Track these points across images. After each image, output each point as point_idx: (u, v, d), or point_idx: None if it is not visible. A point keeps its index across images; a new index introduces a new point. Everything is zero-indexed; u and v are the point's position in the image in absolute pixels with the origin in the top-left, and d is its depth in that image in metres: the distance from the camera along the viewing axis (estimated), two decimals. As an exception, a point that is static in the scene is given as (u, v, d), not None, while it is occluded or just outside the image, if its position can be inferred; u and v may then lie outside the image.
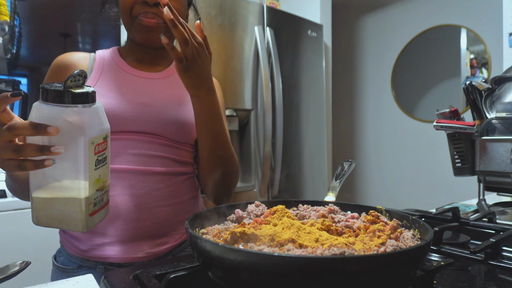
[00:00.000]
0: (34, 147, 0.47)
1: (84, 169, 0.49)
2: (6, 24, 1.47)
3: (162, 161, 0.77)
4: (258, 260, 0.36)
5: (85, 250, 0.74)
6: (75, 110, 0.48)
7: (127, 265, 0.73)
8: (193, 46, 0.63)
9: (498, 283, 0.53)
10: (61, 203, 0.50)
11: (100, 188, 0.53)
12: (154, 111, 0.76)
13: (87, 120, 0.49)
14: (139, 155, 0.75)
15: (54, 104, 0.47)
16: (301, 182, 2.22)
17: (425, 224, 0.48)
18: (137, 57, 0.83)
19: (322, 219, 0.52)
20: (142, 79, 0.80)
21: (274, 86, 1.97)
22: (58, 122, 0.47)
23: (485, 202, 1.01)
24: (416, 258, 0.39)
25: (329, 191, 0.69)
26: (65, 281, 0.54)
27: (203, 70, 0.66)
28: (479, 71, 2.50)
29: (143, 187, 0.74)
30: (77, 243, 0.75)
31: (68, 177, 0.51)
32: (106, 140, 0.53)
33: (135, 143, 0.75)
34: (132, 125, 0.74)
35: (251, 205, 0.60)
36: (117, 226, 0.72)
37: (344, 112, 3.35)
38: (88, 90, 0.49)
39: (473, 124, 0.98)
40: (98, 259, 0.73)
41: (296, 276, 0.35)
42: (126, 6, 0.74)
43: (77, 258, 0.75)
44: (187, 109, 0.80)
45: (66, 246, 0.77)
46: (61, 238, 0.80)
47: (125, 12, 0.75)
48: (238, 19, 1.89)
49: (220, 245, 0.39)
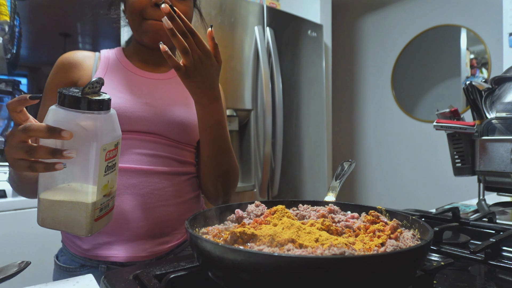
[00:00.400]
0: (47, 149, 0.48)
1: (93, 174, 0.50)
2: (6, 24, 1.47)
3: (165, 161, 0.77)
4: (258, 260, 0.36)
5: (88, 249, 0.74)
6: (90, 116, 0.49)
7: (130, 264, 0.73)
8: (194, 55, 0.62)
9: (498, 283, 0.53)
10: (68, 206, 0.51)
11: (107, 194, 0.54)
12: (159, 111, 0.77)
13: (101, 126, 0.50)
14: (143, 155, 0.75)
15: (71, 109, 0.48)
16: (301, 182, 2.22)
17: (425, 224, 0.48)
18: (142, 58, 0.83)
19: (322, 219, 0.52)
20: (147, 80, 0.81)
21: (274, 86, 1.97)
22: (72, 127, 0.48)
23: (485, 202, 1.01)
24: (416, 258, 0.39)
25: (329, 191, 0.69)
26: (65, 281, 0.54)
27: (206, 78, 0.66)
28: (479, 71, 2.50)
29: (146, 187, 0.74)
30: (80, 242, 0.75)
31: (77, 181, 0.51)
32: (117, 147, 0.54)
33: (138, 143, 0.75)
34: (137, 125, 0.75)
35: (251, 205, 0.60)
36: (120, 225, 0.72)
37: (344, 112, 3.35)
38: (104, 98, 0.50)
39: (473, 124, 0.98)
40: (100, 258, 0.74)
41: (296, 276, 0.35)
42: (136, 9, 0.74)
43: (80, 258, 0.75)
44: (191, 111, 0.81)
45: (68, 245, 0.77)
46: (63, 237, 0.80)
47: (134, 14, 0.75)
48: (238, 19, 1.89)
49: (220, 245, 0.39)
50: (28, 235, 1.39)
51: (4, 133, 1.56)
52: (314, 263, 0.35)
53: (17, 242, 1.38)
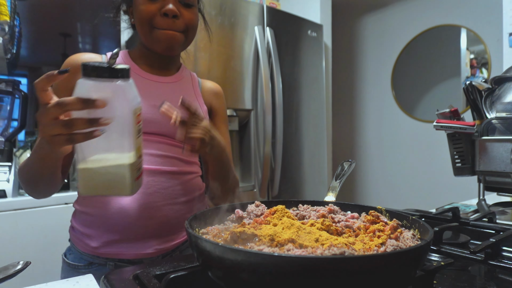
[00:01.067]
0: (83, 120, 0.50)
1: (129, 137, 0.54)
2: (6, 24, 1.47)
3: (171, 161, 0.80)
4: (258, 260, 0.36)
5: (96, 247, 0.76)
6: (118, 84, 0.52)
7: (137, 261, 0.76)
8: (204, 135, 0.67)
9: (498, 283, 0.53)
10: (109, 171, 0.54)
11: (140, 156, 0.58)
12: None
13: (129, 92, 0.53)
14: (150, 155, 0.77)
15: (100, 79, 0.51)
16: (301, 182, 2.22)
17: (425, 224, 0.48)
18: (148, 62, 0.85)
19: (322, 219, 0.52)
20: (154, 83, 0.83)
21: (274, 86, 1.97)
22: (104, 95, 0.50)
23: (485, 202, 1.01)
24: (416, 258, 0.39)
25: (329, 191, 0.70)
26: (65, 281, 0.54)
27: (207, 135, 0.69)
28: (479, 71, 2.49)
29: (153, 186, 0.77)
30: (88, 240, 0.77)
31: (115, 146, 0.54)
32: (141, 112, 0.58)
33: (146, 144, 0.76)
34: (145, 126, 0.77)
35: (251, 205, 0.60)
36: (127, 223, 0.74)
37: (344, 112, 3.35)
38: (126, 67, 0.53)
39: (473, 124, 0.98)
40: (108, 256, 0.76)
41: (296, 276, 0.35)
42: (145, 18, 0.76)
43: (88, 255, 0.77)
44: None
45: (77, 243, 0.79)
46: (71, 236, 0.82)
47: (144, 22, 0.76)
48: (238, 19, 1.89)
49: (220, 245, 0.39)
50: (28, 235, 1.40)
51: (4, 133, 1.56)
52: (314, 263, 0.35)
53: (17, 242, 1.38)
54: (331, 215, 0.57)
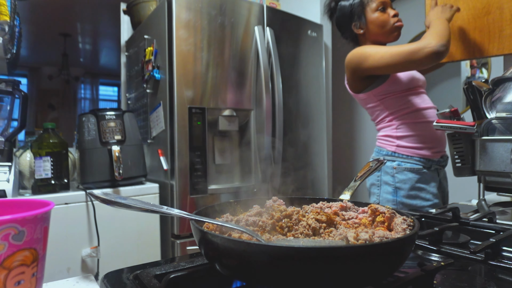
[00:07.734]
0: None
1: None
2: (6, 24, 1.47)
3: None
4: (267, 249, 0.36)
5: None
6: None
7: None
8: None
9: (498, 283, 0.53)
10: None
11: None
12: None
13: None
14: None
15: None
16: (301, 182, 2.22)
17: (414, 218, 0.50)
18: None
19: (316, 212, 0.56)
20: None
21: (274, 86, 1.97)
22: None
23: (485, 202, 1.01)
24: (391, 251, 0.39)
25: (346, 190, 0.70)
26: (65, 281, 0.54)
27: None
28: (479, 71, 2.49)
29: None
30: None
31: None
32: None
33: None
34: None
35: (269, 201, 0.62)
36: None
37: (344, 112, 3.35)
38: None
39: (473, 124, 0.98)
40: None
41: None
42: (388, 21, 1.39)
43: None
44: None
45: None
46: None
47: (386, 25, 1.40)
48: (238, 19, 1.89)
49: (231, 238, 0.40)
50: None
51: (4, 133, 1.55)
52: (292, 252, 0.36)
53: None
54: (342, 212, 0.58)
